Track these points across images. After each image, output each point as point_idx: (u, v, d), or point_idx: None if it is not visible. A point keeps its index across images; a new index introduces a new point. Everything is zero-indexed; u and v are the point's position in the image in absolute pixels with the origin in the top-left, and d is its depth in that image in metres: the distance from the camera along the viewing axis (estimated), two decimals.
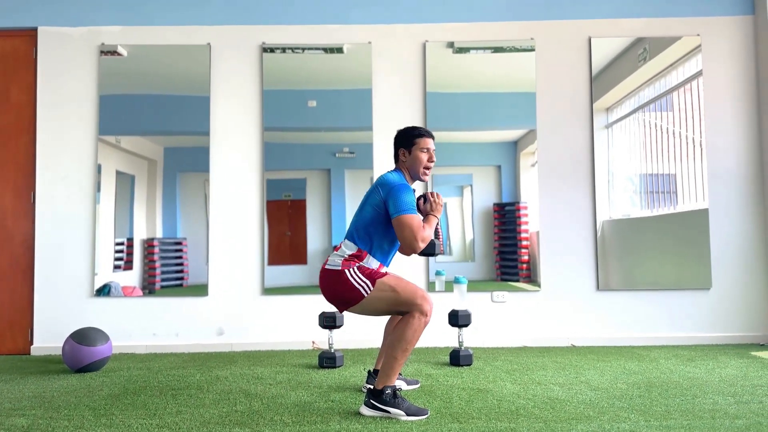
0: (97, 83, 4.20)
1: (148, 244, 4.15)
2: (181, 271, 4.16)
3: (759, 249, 4.17)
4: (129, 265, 4.14)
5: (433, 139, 2.72)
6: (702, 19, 4.26)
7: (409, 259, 4.11)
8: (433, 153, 2.71)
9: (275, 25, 4.26)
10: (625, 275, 4.18)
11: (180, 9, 4.25)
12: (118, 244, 4.14)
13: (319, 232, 4.21)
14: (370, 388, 2.52)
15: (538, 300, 4.17)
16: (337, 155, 4.24)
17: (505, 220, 4.23)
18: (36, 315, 4.08)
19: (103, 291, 4.10)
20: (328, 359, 3.47)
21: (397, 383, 2.80)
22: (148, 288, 4.13)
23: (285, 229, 4.23)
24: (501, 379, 3.11)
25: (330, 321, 3.50)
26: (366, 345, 4.05)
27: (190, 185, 4.21)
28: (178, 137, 4.23)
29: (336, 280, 2.54)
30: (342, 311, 2.59)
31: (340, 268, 2.54)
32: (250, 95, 4.24)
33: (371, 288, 2.49)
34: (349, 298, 2.52)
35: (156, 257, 4.14)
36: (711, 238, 4.14)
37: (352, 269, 2.53)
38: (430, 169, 2.72)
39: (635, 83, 4.29)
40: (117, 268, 4.13)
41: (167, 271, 4.15)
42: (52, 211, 4.13)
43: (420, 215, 2.62)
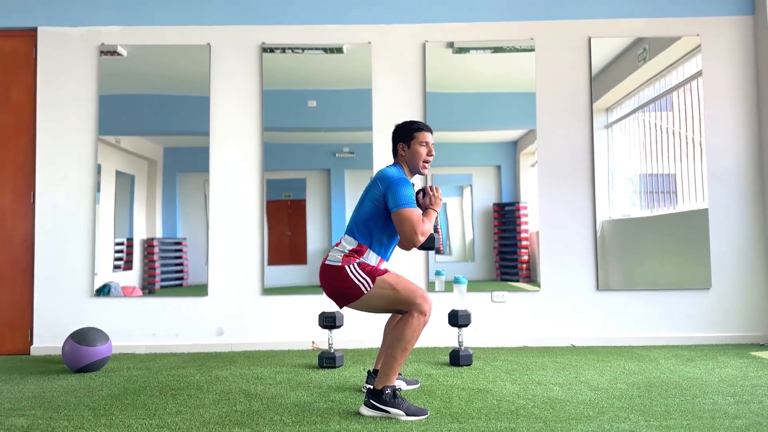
0: (96, 83, 4.20)
1: (148, 244, 4.15)
2: (181, 271, 4.16)
3: (759, 249, 4.17)
4: (129, 265, 4.14)
5: (431, 133, 2.73)
6: (702, 19, 4.26)
7: (410, 258, 4.12)
8: (431, 147, 2.71)
9: (275, 25, 4.26)
10: (625, 275, 4.18)
11: (180, 9, 4.25)
12: (117, 244, 4.14)
13: (319, 232, 4.21)
14: (369, 388, 2.52)
15: (537, 300, 4.17)
16: (336, 155, 4.24)
17: (505, 220, 4.23)
18: (36, 315, 4.08)
19: (103, 291, 4.10)
20: (327, 359, 3.47)
21: (396, 383, 2.80)
22: (148, 288, 4.13)
23: (285, 229, 4.23)
24: (501, 379, 3.11)
25: (330, 321, 3.49)
26: (366, 345, 4.05)
27: (189, 185, 4.21)
28: (178, 137, 4.23)
29: (336, 276, 2.54)
30: (342, 307, 2.60)
31: (341, 264, 2.54)
32: (249, 95, 4.24)
33: (371, 285, 2.50)
34: (348, 294, 2.53)
35: (156, 257, 4.14)
36: (711, 238, 4.14)
37: (352, 265, 2.53)
38: (429, 163, 2.73)
39: (635, 83, 4.29)
40: (117, 268, 4.13)
41: (167, 271, 4.15)
42: (51, 211, 4.13)
43: (419, 209, 2.62)
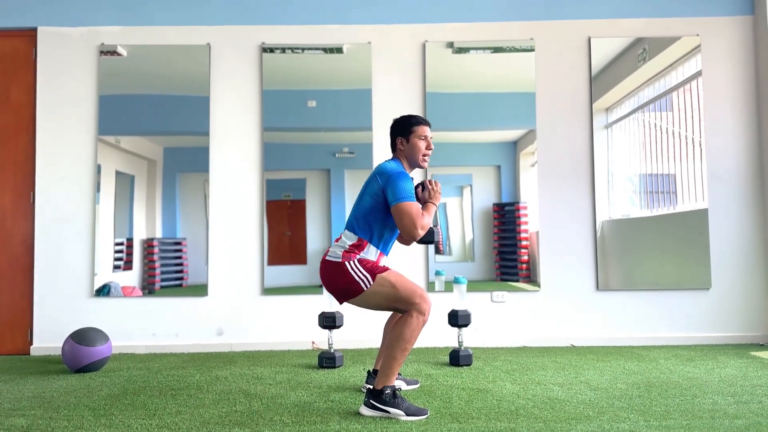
0: (96, 83, 4.20)
1: (148, 244, 4.15)
2: (181, 271, 4.16)
3: (758, 249, 4.17)
4: (129, 265, 4.14)
5: (429, 127, 2.74)
6: (702, 19, 4.26)
7: (410, 258, 4.12)
8: (430, 140, 2.72)
9: (275, 25, 4.26)
10: (625, 275, 4.19)
11: (180, 9, 4.25)
12: (117, 244, 4.14)
13: (319, 232, 4.21)
14: (369, 388, 2.52)
15: (537, 300, 4.17)
16: (336, 155, 4.24)
17: (505, 220, 4.23)
18: (35, 315, 4.08)
19: (103, 291, 4.10)
20: (327, 359, 3.46)
21: (396, 383, 2.80)
22: (148, 288, 4.13)
23: (285, 229, 4.23)
24: (501, 379, 3.11)
25: (330, 321, 3.49)
26: (366, 345, 4.05)
27: (189, 185, 4.21)
28: (178, 137, 4.23)
29: (337, 273, 2.55)
30: (341, 302, 2.60)
31: (341, 260, 2.54)
32: (249, 95, 4.24)
33: (371, 282, 2.50)
34: (348, 290, 2.53)
35: (156, 257, 4.14)
36: (710, 238, 4.14)
37: (352, 262, 2.53)
38: (429, 156, 2.73)
39: (635, 83, 4.29)
40: (117, 268, 4.13)
41: (167, 271, 4.15)
42: (51, 211, 4.13)
43: (418, 203, 2.63)
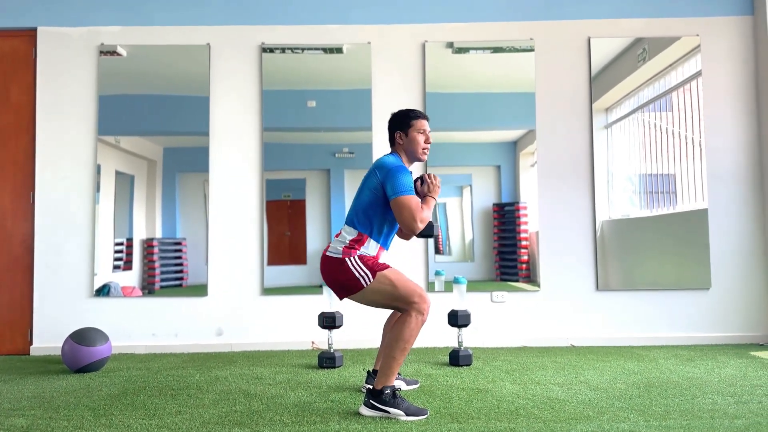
0: (96, 83, 4.20)
1: (148, 245, 4.15)
2: (181, 271, 4.16)
3: (758, 249, 4.17)
4: (128, 266, 4.13)
5: (428, 121, 2.75)
6: (701, 19, 4.26)
7: (409, 257, 4.12)
8: (429, 134, 2.73)
9: (275, 25, 4.26)
10: (625, 275, 4.19)
11: (179, 9, 4.25)
12: (117, 244, 4.14)
13: (319, 233, 4.21)
14: (369, 388, 2.52)
15: (537, 300, 4.17)
16: (336, 155, 4.24)
17: (505, 220, 4.23)
18: (35, 315, 4.07)
19: (103, 291, 4.10)
20: (327, 359, 3.46)
21: (396, 383, 2.80)
22: (148, 288, 4.13)
23: (284, 230, 4.23)
24: (500, 379, 3.11)
25: (329, 321, 3.49)
26: (365, 345, 4.05)
27: (189, 185, 4.21)
28: (178, 137, 4.23)
29: (337, 269, 2.55)
30: (341, 298, 2.61)
31: (341, 256, 2.55)
32: (249, 95, 4.24)
33: (371, 279, 2.51)
34: (348, 286, 2.54)
35: (155, 257, 4.14)
36: (710, 238, 4.14)
37: (353, 258, 2.54)
38: (428, 150, 2.74)
39: (634, 83, 4.29)
40: (116, 268, 4.13)
41: (167, 271, 4.15)
42: (51, 211, 4.13)
43: (418, 197, 2.63)
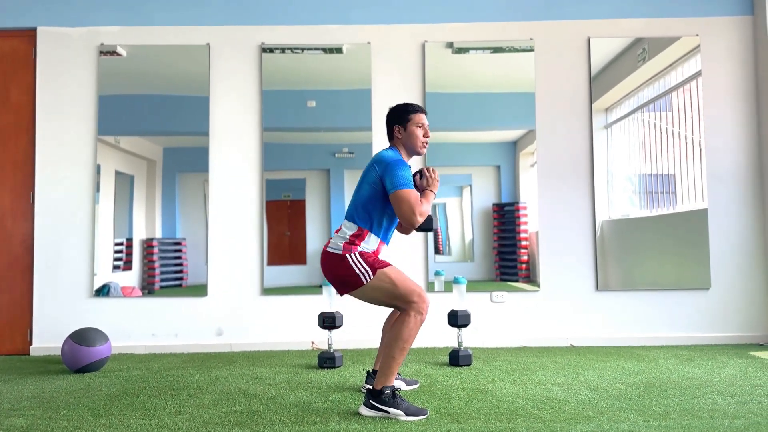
0: (96, 83, 4.20)
1: (148, 245, 4.15)
2: (181, 271, 4.16)
3: (758, 249, 4.17)
4: (128, 266, 4.13)
5: (426, 115, 2.76)
6: (701, 19, 4.26)
7: (409, 257, 4.12)
8: (427, 128, 2.74)
9: (274, 25, 4.25)
10: (625, 275, 4.19)
11: (179, 9, 4.25)
12: (117, 245, 4.14)
13: (319, 233, 4.21)
14: (369, 389, 2.52)
15: (537, 300, 4.17)
16: (336, 155, 4.24)
17: (505, 220, 4.23)
18: (35, 315, 4.07)
19: (103, 291, 4.10)
20: (327, 359, 3.46)
21: (396, 383, 2.80)
22: (148, 288, 4.13)
23: (284, 230, 4.23)
24: (500, 380, 3.11)
25: (329, 321, 3.49)
26: (365, 345, 4.05)
27: (189, 185, 4.21)
28: (178, 137, 4.23)
29: (338, 264, 2.56)
30: (342, 294, 2.62)
31: (342, 252, 2.55)
32: (249, 95, 4.24)
33: (371, 276, 2.51)
34: (348, 282, 2.55)
35: (155, 257, 4.14)
36: (710, 238, 4.14)
37: (354, 254, 2.54)
38: (427, 143, 2.75)
39: (634, 83, 4.29)
40: (116, 268, 4.13)
41: (166, 271, 4.15)
42: (51, 211, 4.13)
43: (417, 191, 2.64)
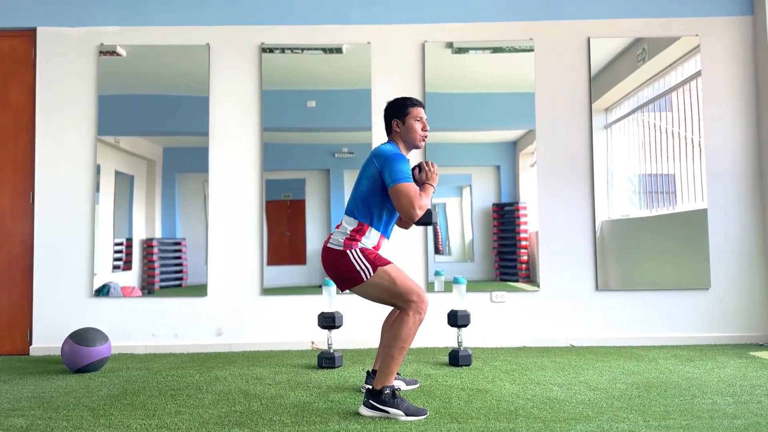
0: (96, 83, 4.20)
1: (147, 245, 4.15)
2: (180, 271, 4.16)
3: (758, 249, 4.17)
4: (128, 266, 4.13)
5: (424, 108, 2.77)
6: (701, 19, 4.26)
7: (409, 257, 4.12)
8: (426, 122, 2.75)
9: (274, 25, 4.25)
10: (624, 275, 4.19)
11: (179, 9, 4.25)
12: (117, 245, 4.14)
13: (319, 233, 4.21)
14: (368, 389, 2.52)
15: (537, 300, 4.17)
16: (336, 155, 4.24)
17: (505, 220, 4.23)
18: (35, 315, 4.07)
19: (102, 291, 4.10)
20: (327, 359, 3.46)
21: (396, 383, 2.80)
22: (147, 288, 4.13)
23: (284, 230, 4.23)
24: (500, 380, 3.11)
25: (329, 321, 3.49)
26: (365, 345, 4.05)
27: (189, 185, 4.21)
28: (177, 137, 4.23)
29: (339, 260, 2.56)
30: (342, 290, 2.64)
31: (343, 248, 2.56)
32: (249, 95, 4.24)
33: (372, 273, 2.52)
34: (349, 278, 2.56)
35: (155, 257, 4.14)
36: (710, 238, 4.14)
37: (355, 251, 2.55)
38: (426, 137, 2.76)
39: (634, 83, 4.29)
40: (116, 268, 4.13)
41: (166, 271, 4.15)
42: (51, 211, 4.13)
43: (416, 184, 2.64)
